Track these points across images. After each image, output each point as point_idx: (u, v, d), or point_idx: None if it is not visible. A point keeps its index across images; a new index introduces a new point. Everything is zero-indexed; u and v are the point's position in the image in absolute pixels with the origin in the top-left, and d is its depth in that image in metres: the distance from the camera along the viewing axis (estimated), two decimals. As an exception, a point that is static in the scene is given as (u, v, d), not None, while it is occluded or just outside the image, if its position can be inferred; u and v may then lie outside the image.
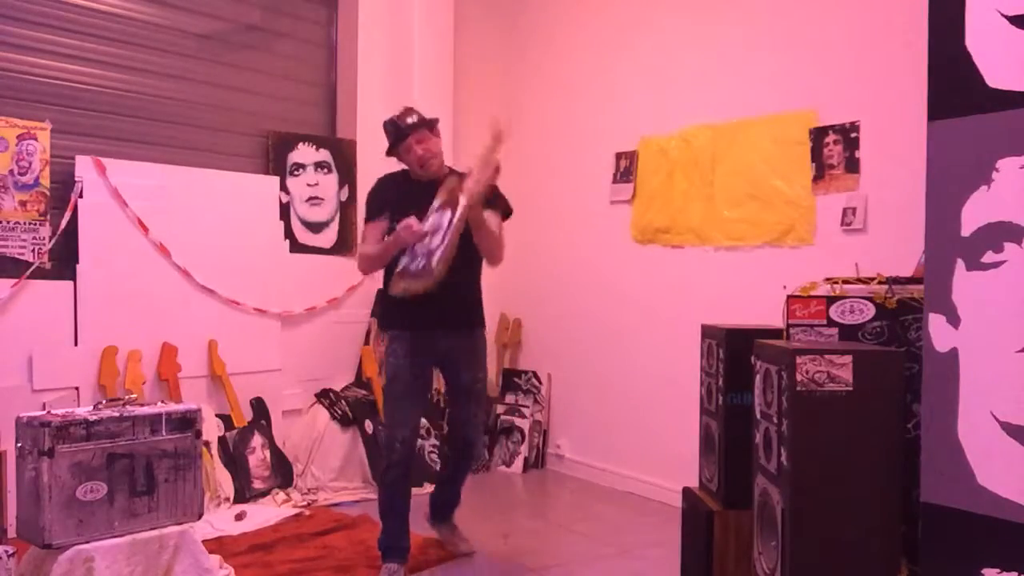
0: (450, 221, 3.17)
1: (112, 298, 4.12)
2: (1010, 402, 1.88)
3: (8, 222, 3.85)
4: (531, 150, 5.55)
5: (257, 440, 4.45)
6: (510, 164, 5.66)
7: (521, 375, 5.42)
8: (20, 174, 3.87)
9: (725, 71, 4.38)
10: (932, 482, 2.03)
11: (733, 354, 2.90)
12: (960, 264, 1.97)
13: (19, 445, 2.78)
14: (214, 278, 4.46)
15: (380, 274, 3.50)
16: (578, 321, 5.19)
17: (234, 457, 4.32)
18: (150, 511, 2.92)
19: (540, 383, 5.36)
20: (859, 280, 2.70)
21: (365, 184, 5.16)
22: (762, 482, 2.49)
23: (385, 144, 3.48)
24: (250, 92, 4.89)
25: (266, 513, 4.10)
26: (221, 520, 3.93)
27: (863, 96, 3.77)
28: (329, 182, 5.07)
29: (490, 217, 3.35)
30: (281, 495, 4.33)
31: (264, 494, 4.33)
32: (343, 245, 5.10)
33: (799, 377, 2.25)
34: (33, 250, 3.91)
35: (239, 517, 4.01)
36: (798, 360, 2.25)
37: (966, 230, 1.95)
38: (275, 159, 4.90)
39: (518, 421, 5.29)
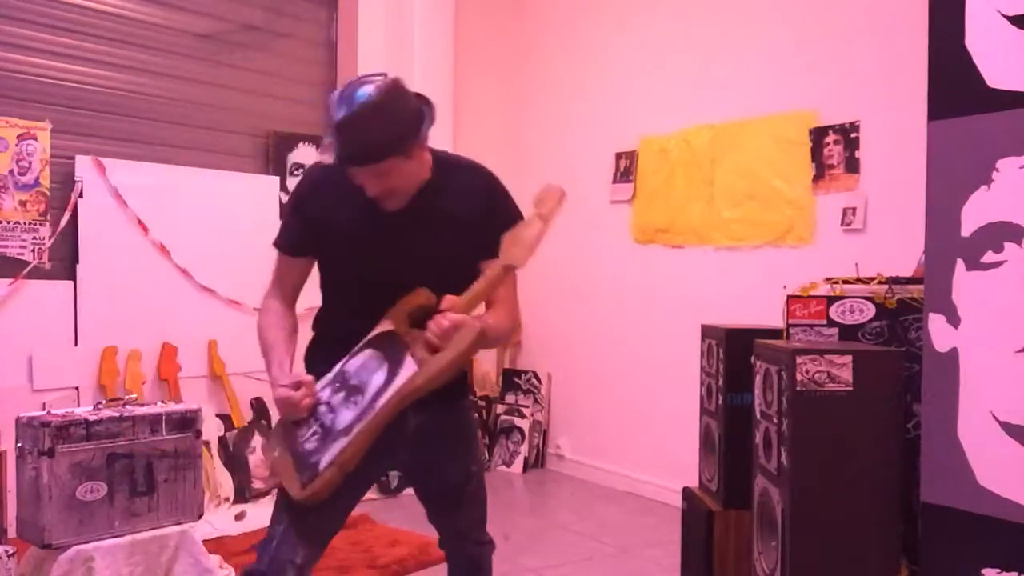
0: (378, 393, 1.90)
1: (112, 298, 4.12)
2: (1010, 402, 1.88)
3: (8, 222, 3.85)
4: (531, 150, 5.55)
5: (257, 440, 4.45)
6: (510, 164, 5.69)
7: (521, 375, 5.42)
8: (20, 174, 3.87)
9: (725, 71, 4.38)
10: (932, 482, 2.03)
11: (733, 354, 2.90)
12: (960, 264, 1.96)
13: (19, 445, 2.78)
14: (214, 278, 4.46)
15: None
16: (578, 321, 5.19)
17: (234, 457, 4.32)
18: (150, 511, 2.92)
19: (540, 383, 5.36)
20: (859, 280, 2.70)
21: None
22: (762, 482, 2.49)
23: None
24: (250, 92, 4.88)
25: (266, 513, 4.08)
26: (221, 520, 3.93)
27: (863, 96, 3.77)
28: (329, 182, 5.06)
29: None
30: (281, 495, 4.33)
31: (264, 494, 4.33)
32: (343, 245, 5.10)
33: (799, 377, 2.25)
34: (33, 250, 3.91)
35: (239, 517, 4.01)
36: (798, 360, 2.25)
37: (966, 230, 1.95)
38: (275, 159, 4.90)
39: (518, 421, 5.29)
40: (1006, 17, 1.89)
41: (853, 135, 3.80)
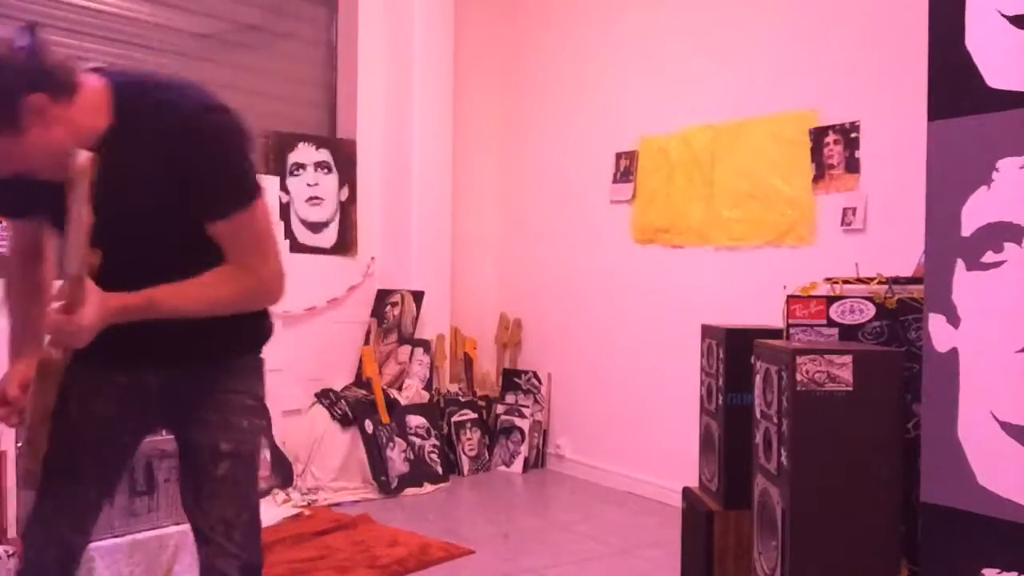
0: None
1: (112, 298, 4.12)
2: (1010, 402, 1.88)
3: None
4: (531, 150, 5.56)
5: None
6: (510, 164, 5.70)
7: (521, 375, 5.42)
8: (20, 174, 3.87)
9: (725, 71, 4.38)
10: (932, 482, 2.03)
11: (733, 354, 2.90)
12: (960, 264, 1.97)
13: (19, 445, 2.78)
14: (214, 278, 4.45)
15: None
16: (578, 321, 5.19)
17: (234, 457, 4.32)
18: (150, 511, 2.92)
19: (540, 383, 5.36)
20: (859, 280, 2.70)
21: (365, 184, 5.20)
22: (762, 482, 2.49)
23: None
24: (250, 92, 4.88)
25: (266, 513, 4.06)
26: (221, 520, 3.93)
27: (863, 96, 3.77)
28: (329, 182, 5.07)
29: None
30: (281, 495, 4.34)
31: (264, 494, 4.33)
32: (343, 245, 5.10)
33: (799, 377, 2.25)
34: (33, 250, 3.91)
35: (239, 517, 4.01)
36: (798, 360, 2.25)
37: (966, 230, 1.95)
38: (275, 159, 4.89)
39: (518, 421, 5.29)
40: (1006, 17, 1.89)
41: (853, 135, 3.80)
